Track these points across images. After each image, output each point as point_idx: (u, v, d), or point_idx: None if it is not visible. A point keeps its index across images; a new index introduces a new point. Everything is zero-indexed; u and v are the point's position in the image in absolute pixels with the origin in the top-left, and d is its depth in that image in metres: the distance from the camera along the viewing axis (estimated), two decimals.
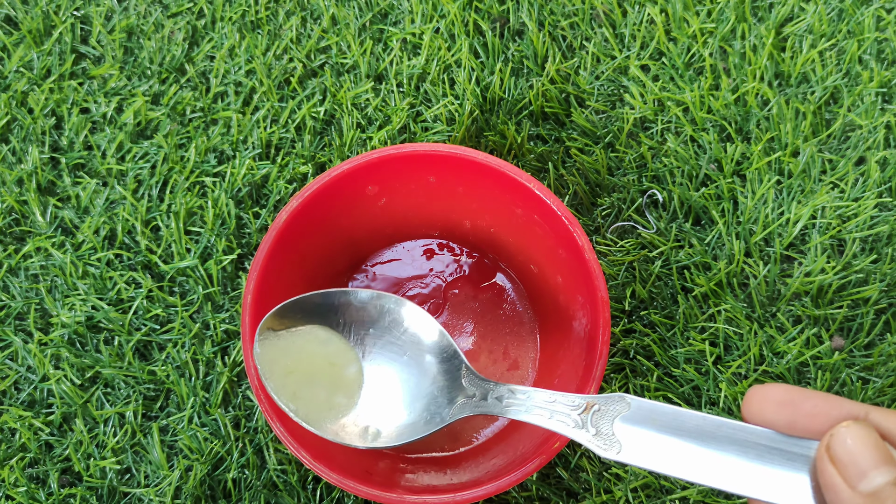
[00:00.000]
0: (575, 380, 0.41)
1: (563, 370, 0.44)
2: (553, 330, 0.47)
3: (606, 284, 0.41)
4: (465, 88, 0.55)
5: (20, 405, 0.49)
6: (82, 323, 0.50)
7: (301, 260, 0.44)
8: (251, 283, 0.40)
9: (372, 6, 0.58)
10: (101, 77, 0.56)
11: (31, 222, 0.53)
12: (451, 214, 0.47)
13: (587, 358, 0.40)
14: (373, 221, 0.47)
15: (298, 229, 0.42)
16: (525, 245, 0.47)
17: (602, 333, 0.39)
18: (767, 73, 0.55)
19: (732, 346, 0.50)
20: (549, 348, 0.47)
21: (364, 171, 0.43)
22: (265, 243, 0.41)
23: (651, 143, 0.54)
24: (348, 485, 0.37)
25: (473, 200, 0.46)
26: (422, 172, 0.44)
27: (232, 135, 0.54)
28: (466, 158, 0.42)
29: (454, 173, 0.44)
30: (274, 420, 0.38)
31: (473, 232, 0.49)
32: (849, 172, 0.52)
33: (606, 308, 0.40)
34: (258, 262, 0.41)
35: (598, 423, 0.30)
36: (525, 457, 0.39)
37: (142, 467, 0.48)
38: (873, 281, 0.50)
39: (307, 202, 0.42)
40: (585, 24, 0.57)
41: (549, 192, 0.42)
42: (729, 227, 0.52)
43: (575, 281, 0.43)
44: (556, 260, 0.44)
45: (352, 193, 0.44)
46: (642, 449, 0.28)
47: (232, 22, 0.57)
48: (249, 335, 0.40)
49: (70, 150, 0.54)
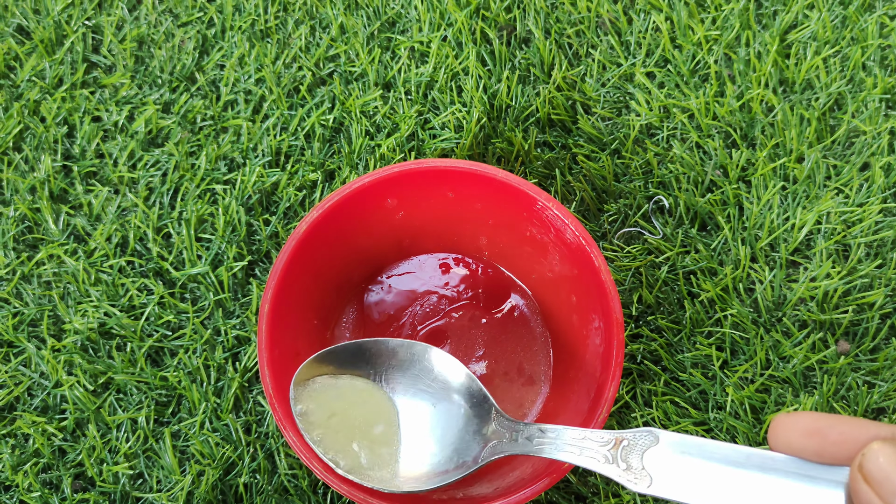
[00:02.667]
0: (587, 400, 0.41)
1: (576, 389, 0.45)
2: (567, 347, 0.47)
3: (621, 304, 0.41)
4: (473, 96, 0.55)
5: (34, 411, 0.50)
6: (95, 329, 0.51)
7: (318, 270, 0.45)
8: (269, 292, 0.41)
9: (380, 15, 0.58)
10: (112, 86, 0.57)
11: (44, 230, 0.53)
12: (467, 230, 0.48)
13: (600, 379, 0.41)
14: (390, 234, 0.47)
15: (317, 240, 0.43)
16: (540, 263, 0.47)
17: (616, 355, 0.40)
18: (772, 79, 0.55)
19: (739, 350, 0.50)
20: (562, 365, 0.48)
21: (384, 185, 0.43)
22: (284, 252, 0.41)
23: (657, 150, 0.54)
24: (359, 497, 0.38)
25: (490, 217, 0.46)
26: (440, 188, 0.44)
27: (242, 143, 0.55)
28: (485, 175, 0.43)
29: (472, 190, 0.44)
30: (287, 430, 0.39)
31: (490, 247, 0.49)
32: (853, 178, 0.53)
33: (621, 330, 0.40)
34: (277, 271, 0.41)
35: (627, 457, 0.30)
36: (536, 475, 0.39)
37: (154, 472, 0.48)
38: (878, 286, 0.51)
39: (327, 213, 0.42)
40: (591, 32, 0.57)
41: (568, 212, 0.42)
42: (735, 233, 0.52)
43: (590, 301, 0.43)
44: (571, 279, 0.45)
45: (371, 206, 0.44)
46: (672, 481, 0.28)
47: (241, 31, 0.58)
48: (266, 345, 0.40)
49: (82, 159, 0.55)
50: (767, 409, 0.48)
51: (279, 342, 0.42)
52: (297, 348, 0.44)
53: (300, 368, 0.39)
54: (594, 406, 0.40)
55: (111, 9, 0.59)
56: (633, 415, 0.49)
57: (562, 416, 0.45)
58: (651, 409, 0.49)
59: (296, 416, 0.38)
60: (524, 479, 0.40)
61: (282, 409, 0.39)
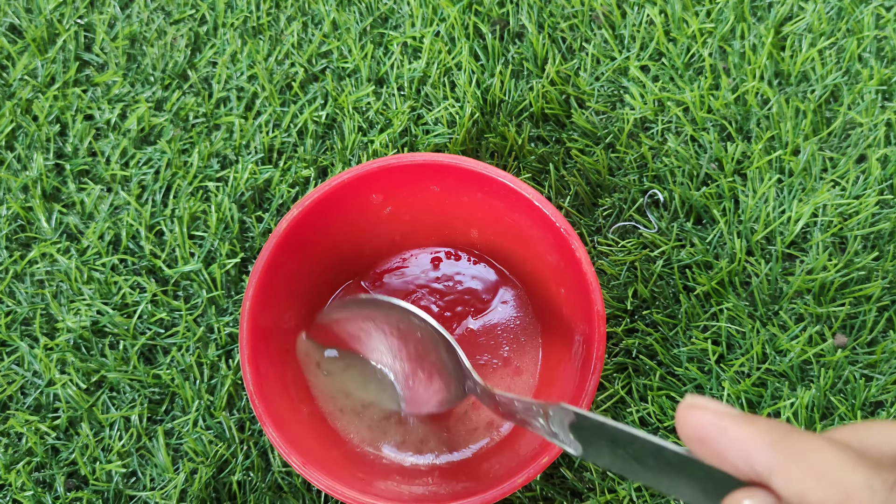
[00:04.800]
0: (569, 392, 0.41)
1: (561, 381, 0.44)
2: (556, 341, 0.47)
3: (603, 297, 0.41)
4: (466, 91, 0.55)
5: (26, 410, 0.49)
6: (87, 327, 0.50)
7: (303, 268, 0.44)
8: (250, 290, 0.41)
9: (372, 10, 0.58)
10: (104, 84, 0.57)
11: (37, 228, 0.53)
12: (456, 223, 0.48)
13: (581, 372, 0.40)
14: (379, 229, 0.47)
15: (299, 237, 0.43)
16: (529, 255, 0.47)
17: (597, 348, 0.39)
18: (767, 72, 0.55)
19: (735, 344, 0.50)
20: (551, 358, 0.47)
21: (365, 181, 0.43)
22: (264, 252, 0.41)
23: (651, 143, 0.54)
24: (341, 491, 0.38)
25: (478, 210, 0.46)
26: (424, 182, 0.44)
27: (234, 140, 0.55)
28: (466, 169, 0.42)
29: (456, 183, 0.44)
30: (269, 427, 0.39)
31: (481, 241, 0.49)
32: (850, 170, 0.53)
33: (602, 323, 0.40)
34: (257, 272, 0.41)
35: (559, 427, 0.31)
36: (523, 463, 0.39)
37: (147, 470, 0.48)
38: (875, 278, 0.50)
39: (307, 210, 0.42)
40: (585, 26, 0.57)
41: (548, 202, 0.42)
42: (730, 226, 0.52)
43: (575, 294, 0.43)
44: (558, 271, 0.44)
45: (355, 202, 0.44)
46: (595, 452, 0.29)
47: (234, 28, 0.58)
48: (248, 343, 0.40)
49: (74, 157, 0.55)
50: (764, 402, 0.48)
51: (263, 341, 0.41)
52: (284, 346, 0.44)
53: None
54: (575, 400, 0.39)
55: (103, 7, 0.59)
56: (628, 410, 0.49)
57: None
58: (646, 404, 0.48)
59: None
60: (506, 472, 0.40)
61: (263, 406, 0.39)
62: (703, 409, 0.23)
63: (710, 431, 0.23)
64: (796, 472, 0.21)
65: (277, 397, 0.41)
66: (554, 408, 0.31)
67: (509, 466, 0.40)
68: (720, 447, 0.23)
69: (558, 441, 0.31)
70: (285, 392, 0.42)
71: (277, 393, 0.41)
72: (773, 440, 0.22)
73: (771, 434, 0.22)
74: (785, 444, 0.22)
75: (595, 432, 0.28)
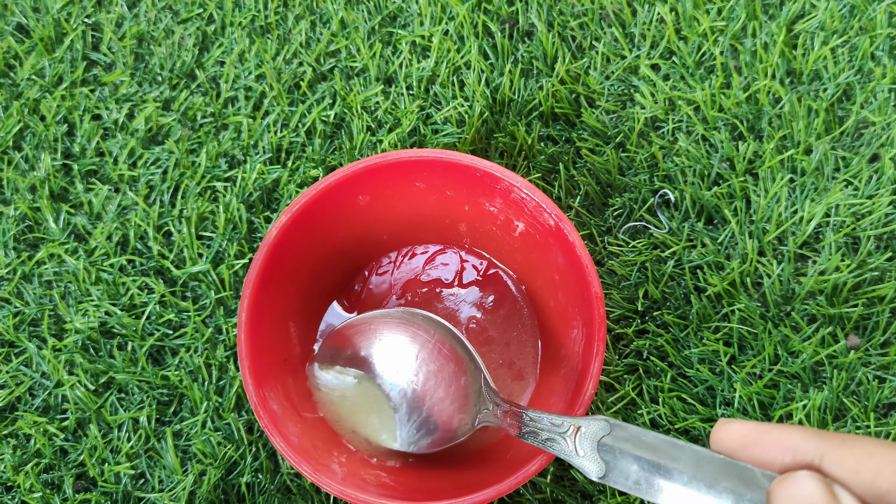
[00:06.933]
0: (573, 380, 0.41)
1: (559, 383, 0.44)
2: (554, 338, 0.46)
3: (603, 290, 0.41)
4: (475, 90, 0.55)
5: (35, 411, 0.49)
6: (96, 328, 0.50)
7: (296, 274, 0.44)
8: (245, 301, 0.40)
9: (381, 9, 0.58)
10: (112, 83, 0.57)
11: (45, 229, 0.53)
12: (445, 218, 0.47)
13: (584, 357, 0.40)
14: (369, 230, 0.47)
15: (291, 244, 0.42)
16: (522, 247, 0.46)
17: (598, 330, 0.39)
18: (779, 70, 0.54)
19: (747, 345, 0.49)
20: (550, 349, 0.47)
21: (350, 183, 0.43)
22: (256, 261, 0.41)
23: (662, 143, 0.53)
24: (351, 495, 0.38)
25: (464, 203, 0.45)
26: (408, 179, 0.44)
27: (242, 139, 0.54)
28: (449, 161, 0.42)
29: (440, 178, 0.44)
30: (274, 436, 0.39)
31: (470, 234, 0.48)
32: (863, 170, 0.52)
33: (601, 304, 0.39)
34: (251, 280, 0.41)
35: (583, 444, 0.32)
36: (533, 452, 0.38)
37: (156, 472, 0.48)
38: (889, 279, 0.50)
39: (296, 216, 0.42)
40: (595, 24, 0.57)
41: (536, 189, 0.41)
42: (742, 226, 0.51)
43: (570, 277, 0.42)
44: (551, 262, 0.44)
45: (342, 204, 0.44)
46: (620, 471, 0.30)
47: (241, 27, 0.58)
48: (246, 353, 0.40)
49: (82, 157, 0.55)
50: (776, 404, 0.48)
51: (261, 351, 0.41)
52: (283, 355, 0.44)
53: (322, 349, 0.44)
54: (572, 402, 0.39)
55: (111, 6, 0.59)
56: (639, 412, 0.48)
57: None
58: (658, 406, 0.48)
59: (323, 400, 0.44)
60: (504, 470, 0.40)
61: (267, 416, 0.39)
62: (741, 423, 0.27)
63: (752, 436, 0.27)
64: (846, 453, 0.25)
65: (281, 407, 0.41)
66: (588, 421, 0.31)
67: (522, 455, 0.40)
68: (764, 446, 0.26)
69: (579, 460, 0.31)
70: (288, 400, 0.42)
71: (280, 402, 0.41)
72: (818, 432, 0.26)
73: (811, 429, 0.26)
74: (830, 435, 0.26)
75: (628, 445, 0.29)
